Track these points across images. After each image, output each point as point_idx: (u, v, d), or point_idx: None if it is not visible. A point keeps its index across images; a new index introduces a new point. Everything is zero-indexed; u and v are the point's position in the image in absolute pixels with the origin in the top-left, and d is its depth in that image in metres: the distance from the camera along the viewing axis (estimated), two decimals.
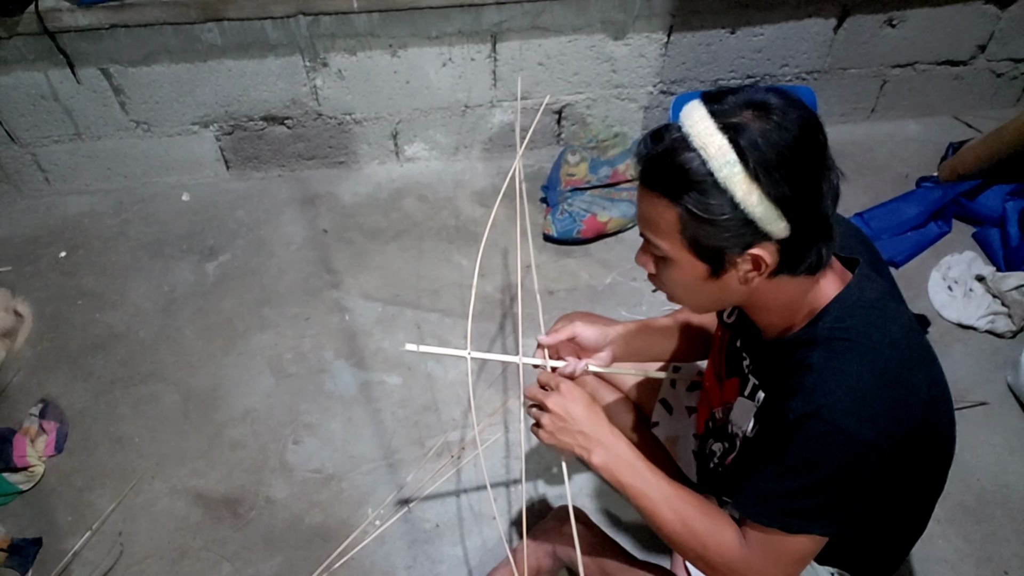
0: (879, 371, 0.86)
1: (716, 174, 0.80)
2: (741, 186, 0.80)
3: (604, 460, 1.02)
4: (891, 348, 0.88)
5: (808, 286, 0.91)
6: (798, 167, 0.81)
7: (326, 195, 2.40)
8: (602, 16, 2.15)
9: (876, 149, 2.50)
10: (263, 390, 1.89)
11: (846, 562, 1.11)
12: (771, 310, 0.95)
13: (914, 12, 2.27)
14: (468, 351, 1.14)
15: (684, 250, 0.88)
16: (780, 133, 0.80)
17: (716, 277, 0.89)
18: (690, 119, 0.83)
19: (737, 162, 0.80)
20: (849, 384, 0.85)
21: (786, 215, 0.82)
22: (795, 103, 0.83)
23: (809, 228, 0.84)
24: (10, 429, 1.76)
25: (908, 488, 0.97)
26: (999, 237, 2.11)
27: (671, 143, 0.83)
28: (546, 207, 2.27)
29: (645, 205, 0.89)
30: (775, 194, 0.80)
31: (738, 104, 0.82)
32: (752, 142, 0.79)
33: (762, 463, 0.92)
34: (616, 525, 1.60)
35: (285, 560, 1.58)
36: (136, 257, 2.24)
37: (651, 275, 0.97)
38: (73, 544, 1.61)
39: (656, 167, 0.85)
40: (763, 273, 0.87)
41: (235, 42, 2.09)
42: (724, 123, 0.81)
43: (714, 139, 0.80)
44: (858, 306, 0.91)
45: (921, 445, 0.92)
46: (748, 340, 1.07)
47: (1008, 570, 1.53)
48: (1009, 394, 1.83)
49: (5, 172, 2.36)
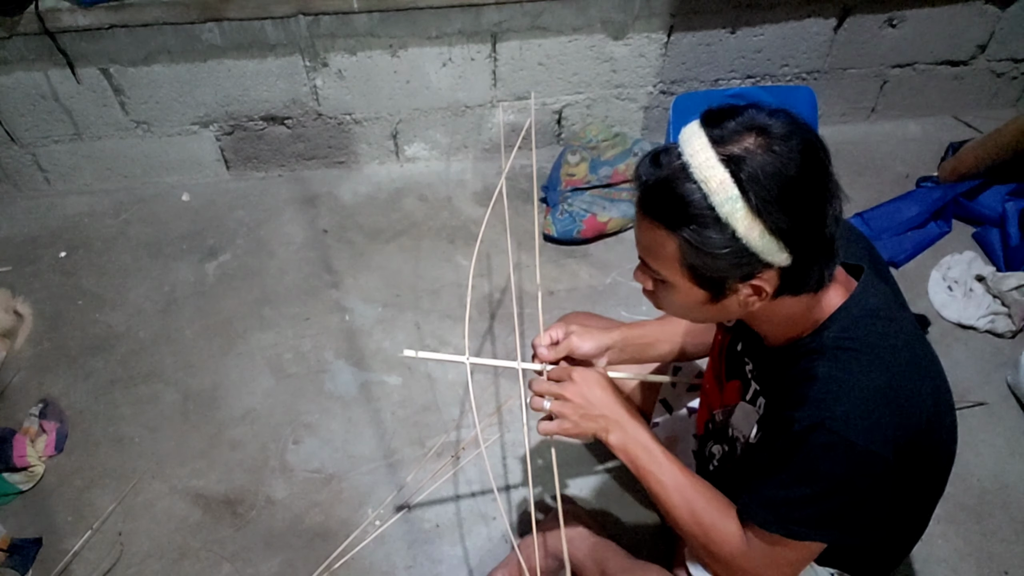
0: (884, 382, 0.86)
1: (717, 209, 0.79)
2: (743, 222, 0.79)
3: (621, 440, 1.04)
4: (896, 358, 0.88)
5: (811, 301, 0.90)
6: (801, 199, 0.79)
7: (326, 195, 2.40)
8: (602, 16, 2.15)
9: (876, 149, 2.50)
10: (263, 390, 1.89)
11: (846, 563, 1.11)
12: (773, 324, 0.95)
13: (914, 12, 2.27)
14: (467, 357, 1.15)
15: (683, 277, 0.87)
16: (782, 164, 0.78)
17: (716, 302, 0.89)
18: (690, 147, 0.81)
19: (739, 198, 0.78)
20: (854, 395, 0.85)
21: (788, 246, 0.81)
22: (797, 126, 0.81)
23: (811, 254, 0.83)
24: (10, 429, 1.76)
25: (910, 494, 0.97)
26: (999, 237, 2.11)
27: (671, 172, 0.81)
28: (546, 207, 2.27)
29: (643, 232, 0.88)
30: (777, 227, 0.79)
31: (739, 129, 0.80)
32: (753, 176, 0.77)
33: (768, 471, 0.92)
34: (616, 525, 1.60)
35: (285, 560, 1.58)
36: (136, 257, 2.24)
37: (647, 291, 0.97)
38: (73, 544, 1.61)
39: (655, 196, 0.84)
40: (764, 299, 0.87)
41: (235, 42, 2.09)
42: (726, 154, 0.79)
43: (716, 173, 0.78)
44: (863, 316, 0.90)
45: (924, 453, 0.92)
46: (750, 345, 1.07)
47: (1008, 570, 1.53)
48: (1009, 394, 1.83)
49: (5, 172, 2.36)
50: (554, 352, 1.16)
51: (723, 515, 0.98)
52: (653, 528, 1.59)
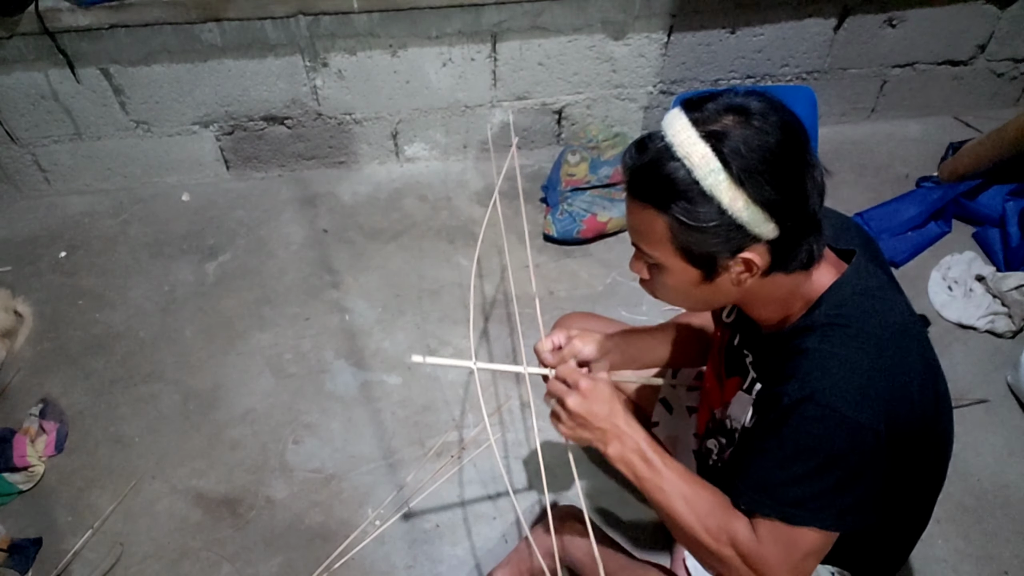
0: (874, 354, 0.87)
1: (701, 182, 0.82)
2: (727, 193, 0.81)
3: (619, 452, 1.03)
4: (887, 332, 0.89)
5: (802, 280, 0.92)
6: (782, 169, 0.82)
7: (326, 195, 2.40)
8: (602, 16, 2.15)
9: (876, 149, 2.50)
10: (263, 390, 1.89)
11: (848, 561, 1.11)
12: (766, 305, 0.97)
13: (914, 12, 2.27)
14: (474, 362, 1.15)
15: (676, 257, 0.89)
16: (762, 137, 0.81)
17: (709, 281, 0.91)
18: (672, 128, 0.84)
19: (721, 170, 0.81)
20: (844, 368, 0.86)
21: (773, 217, 0.83)
22: (775, 105, 0.84)
23: (797, 227, 0.86)
24: (10, 429, 1.76)
25: (907, 477, 0.97)
26: (999, 237, 2.11)
27: (655, 153, 0.84)
28: (546, 207, 2.27)
29: (634, 216, 0.90)
30: (761, 198, 0.82)
31: (718, 110, 0.83)
32: (734, 149, 0.80)
33: (759, 450, 0.93)
34: (616, 525, 1.60)
35: (285, 560, 1.58)
36: (136, 257, 2.24)
37: (644, 281, 0.98)
38: (73, 544, 1.61)
39: (642, 178, 0.86)
40: (755, 274, 0.89)
41: (235, 42, 2.09)
42: (706, 131, 0.82)
43: (697, 148, 0.81)
44: (854, 294, 0.92)
45: (918, 429, 0.92)
46: (748, 336, 1.07)
47: (1008, 570, 1.53)
48: (1009, 394, 1.83)
49: (5, 172, 2.36)
50: (556, 357, 1.17)
51: (730, 517, 0.96)
52: (653, 528, 1.59)
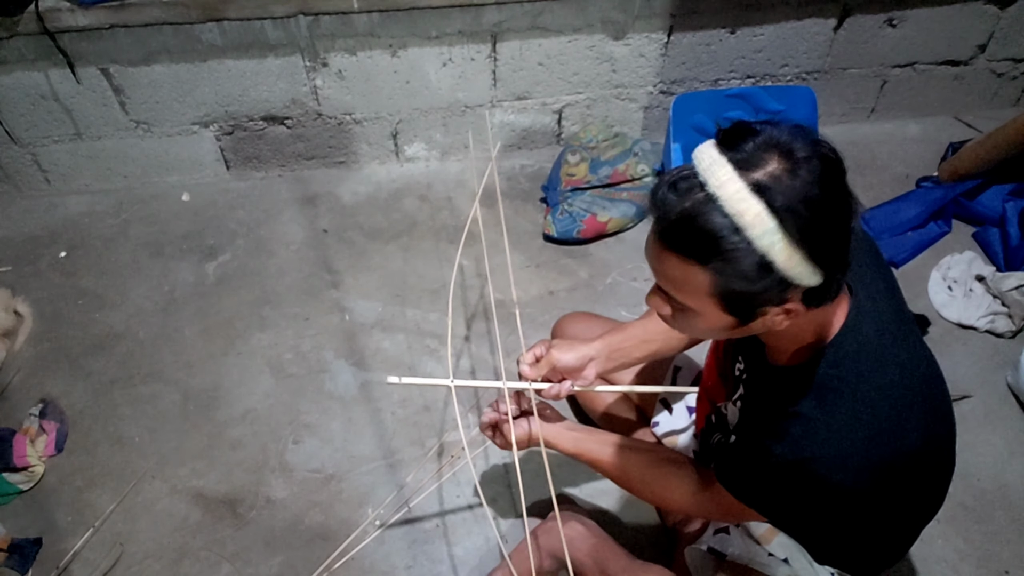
0: (868, 423, 0.86)
1: (755, 243, 0.74)
2: (783, 252, 0.74)
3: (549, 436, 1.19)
4: (884, 396, 0.87)
5: (820, 313, 0.86)
6: (833, 220, 0.76)
7: (326, 195, 2.40)
8: (602, 16, 2.15)
9: (876, 149, 2.50)
10: (263, 390, 1.89)
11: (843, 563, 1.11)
12: (784, 337, 0.92)
13: (914, 12, 2.27)
14: (451, 380, 1.16)
15: (712, 306, 0.82)
16: (811, 187, 0.74)
17: (743, 325, 0.86)
18: (715, 177, 0.75)
19: (777, 229, 0.74)
20: (837, 440, 0.86)
21: (821, 267, 0.77)
22: (814, 140, 0.77)
23: (837, 269, 0.80)
24: (10, 429, 1.76)
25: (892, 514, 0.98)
26: (999, 237, 2.11)
27: (699, 205, 0.76)
28: (546, 207, 2.27)
29: (667, 265, 0.82)
30: (816, 254, 0.76)
31: (759, 149, 0.75)
32: (788, 205, 0.73)
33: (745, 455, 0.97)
34: (616, 525, 1.60)
35: (285, 560, 1.58)
36: (136, 257, 2.24)
37: (664, 315, 0.92)
38: (73, 544, 1.61)
39: (682, 230, 0.77)
40: (792, 318, 0.83)
41: (235, 42, 2.09)
42: (753, 181, 0.74)
43: (750, 206, 0.73)
44: (854, 351, 0.88)
45: (913, 482, 0.93)
46: (749, 355, 1.06)
47: (1008, 570, 1.53)
48: (1009, 394, 1.83)
49: (5, 172, 2.36)
50: (537, 369, 1.19)
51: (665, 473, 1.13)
52: (653, 528, 1.59)
